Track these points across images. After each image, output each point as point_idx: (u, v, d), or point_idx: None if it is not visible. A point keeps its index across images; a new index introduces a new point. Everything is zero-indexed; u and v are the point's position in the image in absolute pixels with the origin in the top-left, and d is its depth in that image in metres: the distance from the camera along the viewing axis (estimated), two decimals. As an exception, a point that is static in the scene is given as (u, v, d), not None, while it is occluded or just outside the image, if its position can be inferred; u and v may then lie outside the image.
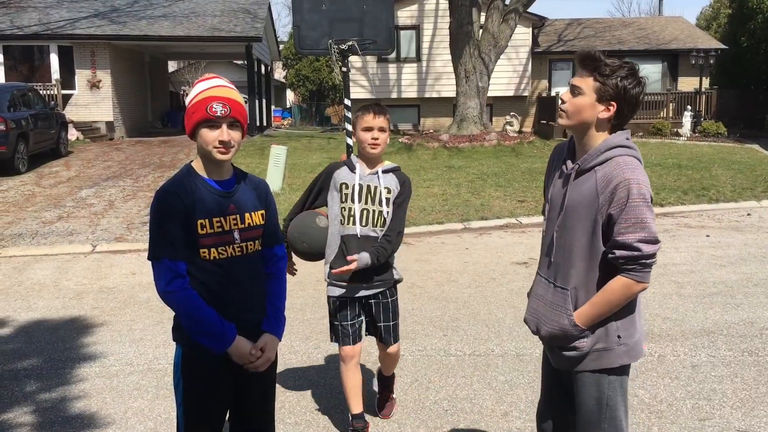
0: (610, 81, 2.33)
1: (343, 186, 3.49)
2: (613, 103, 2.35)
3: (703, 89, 24.05)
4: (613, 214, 2.29)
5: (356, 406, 3.66)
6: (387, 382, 4.00)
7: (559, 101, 2.46)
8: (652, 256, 2.29)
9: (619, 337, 2.42)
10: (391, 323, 3.66)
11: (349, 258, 3.40)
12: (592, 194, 2.34)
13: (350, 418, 3.70)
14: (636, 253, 2.28)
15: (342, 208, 3.49)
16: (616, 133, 2.41)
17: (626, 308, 2.42)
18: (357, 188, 3.46)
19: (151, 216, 2.41)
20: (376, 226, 3.48)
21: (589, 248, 2.39)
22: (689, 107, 22.73)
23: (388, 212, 3.48)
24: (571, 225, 2.41)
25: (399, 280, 3.70)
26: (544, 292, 2.54)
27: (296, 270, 3.64)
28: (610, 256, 2.33)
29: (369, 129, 3.42)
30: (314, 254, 3.56)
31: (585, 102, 2.37)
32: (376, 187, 3.47)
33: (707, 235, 8.92)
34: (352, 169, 3.51)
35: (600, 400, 2.46)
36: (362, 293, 3.57)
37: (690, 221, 9.95)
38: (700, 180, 12.84)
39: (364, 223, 3.46)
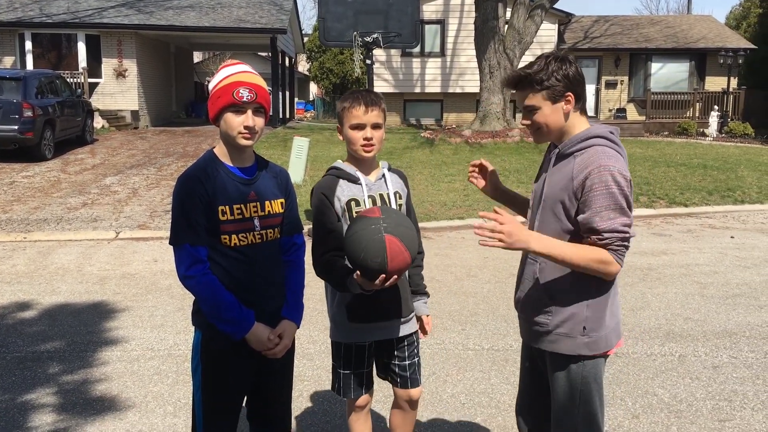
0: (550, 81, 2.36)
1: (353, 203, 2.74)
2: (568, 94, 2.38)
3: (730, 89, 23.73)
4: (591, 199, 2.28)
5: None
6: None
7: (523, 124, 2.47)
8: (629, 239, 2.31)
9: (584, 328, 2.41)
10: (416, 359, 2.95)
11: (427, 324, 2.95)
12: (568, 177, 2.36)
13: None
14: (623, 234, 2.27)
15: None
16: (600, 125, 2.45)
17: (600, 299, 2.40)
18: (368, 202, 2.75)
19: (174, 201, 2.43)
20: None
21: (560, 228, 2.39)
22: (716, 107, 22.46)
23: None
24: (547, 206, 2.44)
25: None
26: (521, 265, 2.59)
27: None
28: (598, 239, 2.29)
29: (360, 127, 2.70)
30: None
31: (546, 113, 2.40)
32: (387, 194, 2.82)
33: (732, 237, 8.81)
34: (354, 180, 2.77)
35: (572, 389, 2.46)
36: (385, 336, 2.87)
37: (714, 222, 9.83)
38: (726, 181, 12.67)
39: None
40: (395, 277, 2.49)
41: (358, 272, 2.51)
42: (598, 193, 2.26)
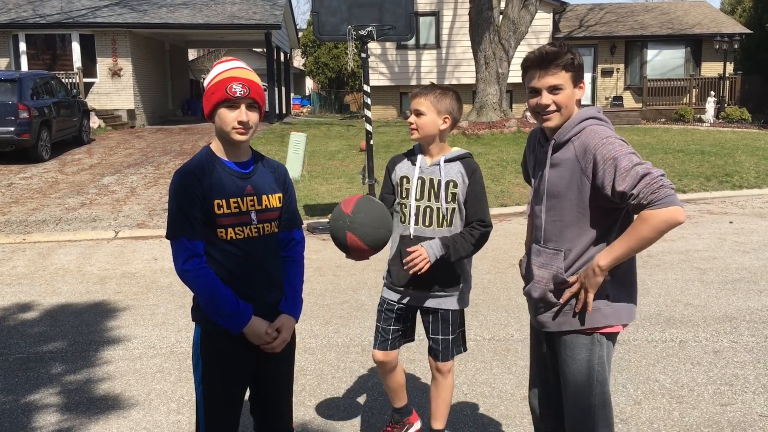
0: (576, 63, 2.38)
1: (404, 180, 3.09)
2: (581, 81, 2.43)
3: (727, 75, 23.70)
4: (607, 175, 2.29)
5: (397, 401, 3.34)
6: None
7: (543, 104, 2.41)
8: (663, 176, 2.24)
9: (607, 296, 2.42)
10: (451, 337, 3.15)
11: (410, 250, 2.95)
12: (573, 162, 2.38)
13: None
14: (649, 177, 2.21)
15: (401, 204, 3.09)
16: (587, 108, 2.48)
17: (621, 269, 2.41)
18: (417, 183, 3.05)
19: (170, 195, 2.44)
20: (434, 226, 3.03)
21: (578, 212, 2.40)
22: (713, 93, 22.44)
23: (450, 209, 3.02)
24: (558, 194, 2.44)
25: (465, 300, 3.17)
26: (537, 256, 2.55)
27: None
28: (632, 203, 2.25)
29: (412, 113, 3.06)
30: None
31: (569, 94, 2.41)
32: (438, 181, 3.02)
33: (730, 222, 8.82)
34: (414, 160, 3.09)
35: (590, 370, 2.46)
36: (424, 304, 3.13)
37: (713, 207, 9.84)
38: (724, 166, 12.68)
39: (419, 222, 3.04)
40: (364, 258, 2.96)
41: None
42: (611, 162, 2.28)
